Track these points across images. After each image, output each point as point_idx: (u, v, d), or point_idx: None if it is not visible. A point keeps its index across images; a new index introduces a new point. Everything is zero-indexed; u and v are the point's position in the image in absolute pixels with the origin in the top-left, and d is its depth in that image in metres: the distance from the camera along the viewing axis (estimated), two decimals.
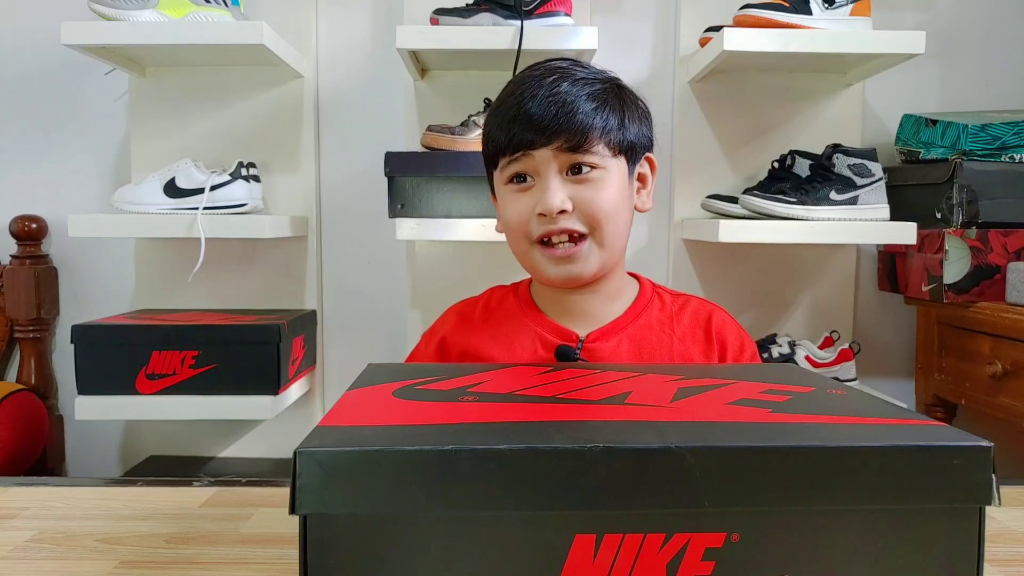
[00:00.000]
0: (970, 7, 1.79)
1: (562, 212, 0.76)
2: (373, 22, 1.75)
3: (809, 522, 0.40)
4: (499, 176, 0.82)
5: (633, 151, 0.81)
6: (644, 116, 0.83)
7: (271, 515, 0.69)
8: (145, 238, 1.70)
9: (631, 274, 0.89)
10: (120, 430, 1.81)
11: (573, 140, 0.76)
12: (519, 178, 0.79)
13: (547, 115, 0.76)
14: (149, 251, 1.73)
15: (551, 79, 0.78)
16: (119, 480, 0.84)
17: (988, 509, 0.41)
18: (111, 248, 1.76)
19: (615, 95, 0.80)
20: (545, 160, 0.77)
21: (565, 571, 0.39)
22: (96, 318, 1.57)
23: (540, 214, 0.77)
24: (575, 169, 0.77)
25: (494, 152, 0.81)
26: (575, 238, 0.78)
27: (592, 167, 0.77)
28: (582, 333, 0.82)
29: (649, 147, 0.85)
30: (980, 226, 1.54)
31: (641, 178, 0.85)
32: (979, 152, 1.56)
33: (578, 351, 0.80)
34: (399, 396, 0.51)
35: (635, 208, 0.84)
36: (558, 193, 0.76)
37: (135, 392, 1.46)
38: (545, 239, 0.79)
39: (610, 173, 0.78)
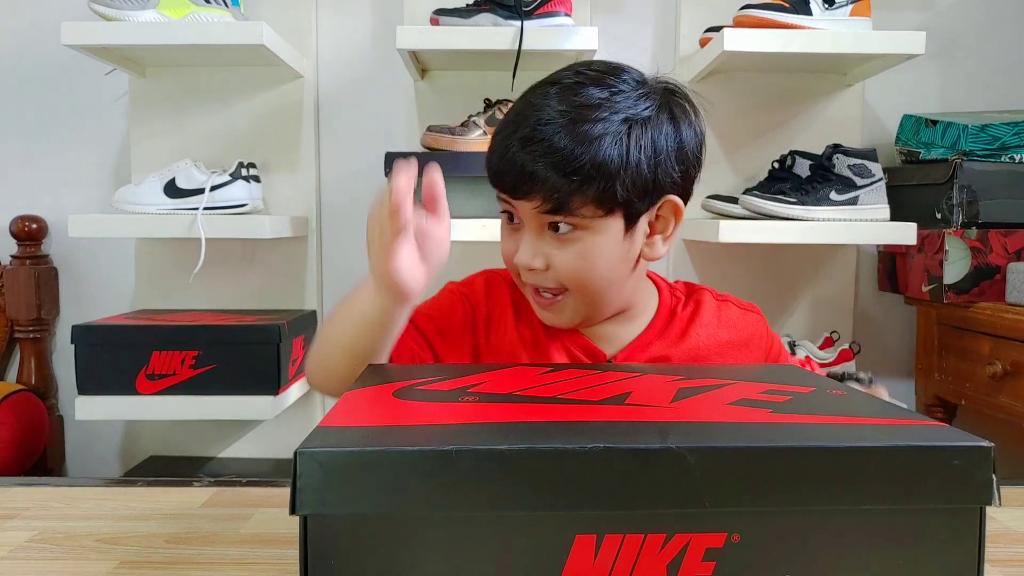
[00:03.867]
0: (970, 7, 1.79)
1: (532, 270, 0.72)
2: (373, 22, 1.75)
3: (809, 522, 0.40)
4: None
5: (632, 205, 0.69)
6: (674, 153, 0.70)
7: (271, 515, 0.69)
8: (145, 238, 1.70)
9: (651, 275, 0.81)
10: (120, 430, 1.81)
11: (549, 204, 0.68)
12: (509, 216, 0.74)
13: (524, 172, 0.68)
14: (149, 251, 1.73)
15: (540, 124, 0.68)
16: (119, 480, 0.84)
17: (988, 509, 0.41)
18: (111, 248, 1.76)
19: (626, 136, 0.68)
20: (525, 211, 0.71)
21: (565, 571, 0.39)
22: (96, 318, 1.57)
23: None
24: (554, 227, 0.70)
25: (489, 176, 0.75)
26: (554, 291, 0.73)
27: (573, 227, 0.69)
28: (609, 352, 0.77)
29: (674, 189, 0.72)
30: (980, 226, 1.54)
31: (655, 225, 0.74)
32: (979, 152, 1.56)
33: None
34: (399, 396, 0.51)
35: (642, 258, 0.74)
36: (529, 250, 0.71)
37: (135, 392, 1.46)
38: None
39: (596, 233, 0.70)
